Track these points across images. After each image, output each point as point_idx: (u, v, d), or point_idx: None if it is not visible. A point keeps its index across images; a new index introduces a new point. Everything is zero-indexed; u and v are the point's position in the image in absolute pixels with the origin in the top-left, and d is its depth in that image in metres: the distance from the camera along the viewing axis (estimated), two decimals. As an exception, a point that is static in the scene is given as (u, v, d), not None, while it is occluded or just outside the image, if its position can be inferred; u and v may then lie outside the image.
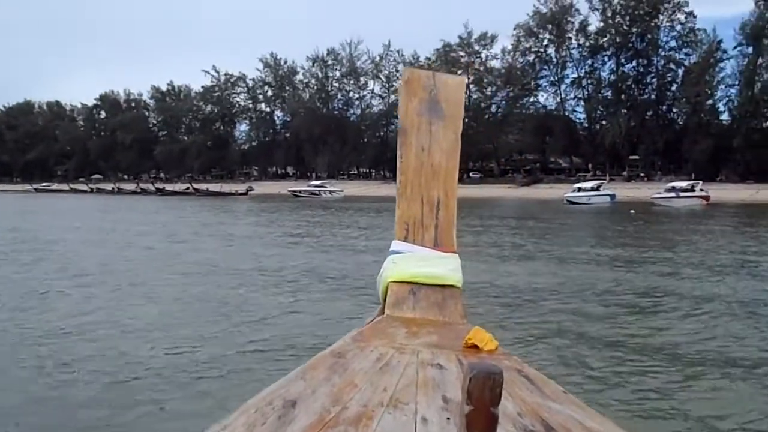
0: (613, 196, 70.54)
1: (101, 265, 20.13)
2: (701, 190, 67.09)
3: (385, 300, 3.33)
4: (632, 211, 51.87)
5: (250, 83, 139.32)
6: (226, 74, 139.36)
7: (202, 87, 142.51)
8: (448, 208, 3.71)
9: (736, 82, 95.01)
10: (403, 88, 4.06)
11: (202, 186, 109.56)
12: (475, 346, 2.55)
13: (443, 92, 3.99)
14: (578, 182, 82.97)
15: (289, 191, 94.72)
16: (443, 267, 3.43)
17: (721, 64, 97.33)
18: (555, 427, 1.78)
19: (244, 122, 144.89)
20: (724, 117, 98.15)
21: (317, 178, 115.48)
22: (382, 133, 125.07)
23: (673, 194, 65.15)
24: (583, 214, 53.00)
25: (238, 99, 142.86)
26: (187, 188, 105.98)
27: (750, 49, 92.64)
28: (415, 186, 3.73)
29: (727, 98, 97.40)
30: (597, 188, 72.63)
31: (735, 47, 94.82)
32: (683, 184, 68.86)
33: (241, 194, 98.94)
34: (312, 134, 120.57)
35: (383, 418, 1.77)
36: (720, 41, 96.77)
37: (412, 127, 3.86)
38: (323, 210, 56.28)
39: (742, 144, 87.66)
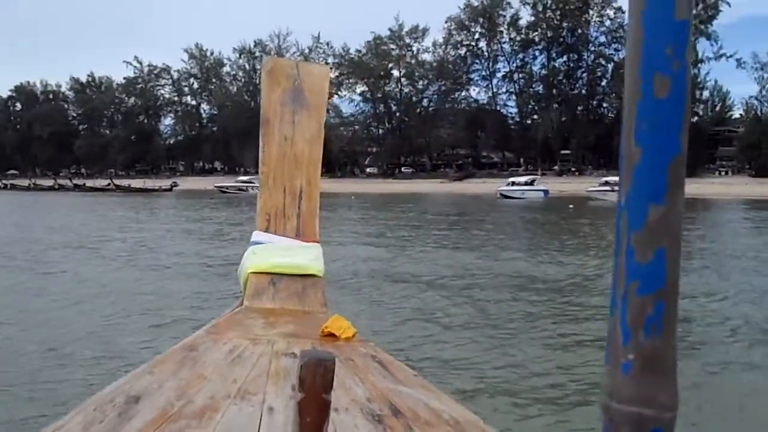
0: (546, 192, 69.92)
1: None
2: (634, 185, 66.76)
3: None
4: (571, 207, 50.91)
5: (175, 75, 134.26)
6: (149, 65, 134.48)
7: (125, 79, 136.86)
8: (311, 197, 3.68)
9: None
10: (265, 77, 3.93)
11: (125, 182, 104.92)
12: (333, 335, 2.55)
13: (307, 82, 3.89)
14: (511, 177, 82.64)
15: (216, 187, 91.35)
16: (304, 256, 3.40)
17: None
18: (402, 409, 1.84)
19: (169, 116, 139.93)
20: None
21: (246, 173, 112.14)
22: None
23: (608, 188, 64.69)
24: (518, 209, 51.68)
25: (162, 91, 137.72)
26: (108, 184, 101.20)
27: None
28: (277, 176, 3.67)
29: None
30: (531, 183, 71.99)
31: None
32: (617, 179, 68.30)
33: (165, 190, 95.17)
34: (240, 128, 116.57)
35: (228, 410, 1.77)
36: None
37: (275, 117, 3.78)
38: (249, 206, 53.34)
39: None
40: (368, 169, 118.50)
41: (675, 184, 0.65)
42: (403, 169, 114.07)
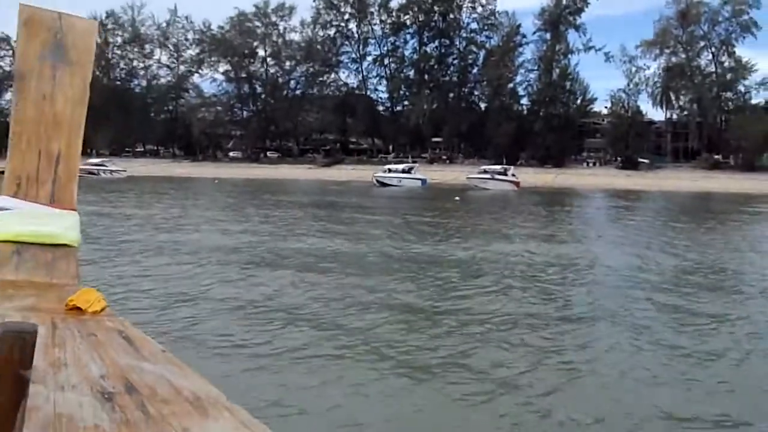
0: (424, 180, 67.33)
1: None
2: (513, 175, 65.37)
3: None
4: (457, 199, 48.11)
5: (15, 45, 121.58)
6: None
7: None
8: (70, 161, 3.23)
9: (536, 68, 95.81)
10: (22, 28, 3.38)
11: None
12: (78, 308, 2.18)
13: (70, 36, 3.39)
14: (381, 164, 79.94)
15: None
16: (56, 225, 2.99)
17: (521, 49, 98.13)
18: (138, 386, 1.60)
19: (9, 91, 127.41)
20: (524, 102, 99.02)
21: (98, 155, 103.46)
22: (171, 107, 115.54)
23: (488, 176, 62.88)
24: (402, 199, 48.32)
25: (1, 63, 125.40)
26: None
27: (548, 35, 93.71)
28: (32, 138, 3.23)
29: (527, 83, 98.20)
30: (408, 171, 69.04)
31: (534, 32, 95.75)
32: (497, 167, 66.92)
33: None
34: (91, 106, 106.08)
35: None
36: (519, 25, 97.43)
37: (31, 73, 3.27)
38: (95, 193, 47.16)
39: (543, 128, 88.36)
40: (231, 153, 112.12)
41: None
42: (268, 153, 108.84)
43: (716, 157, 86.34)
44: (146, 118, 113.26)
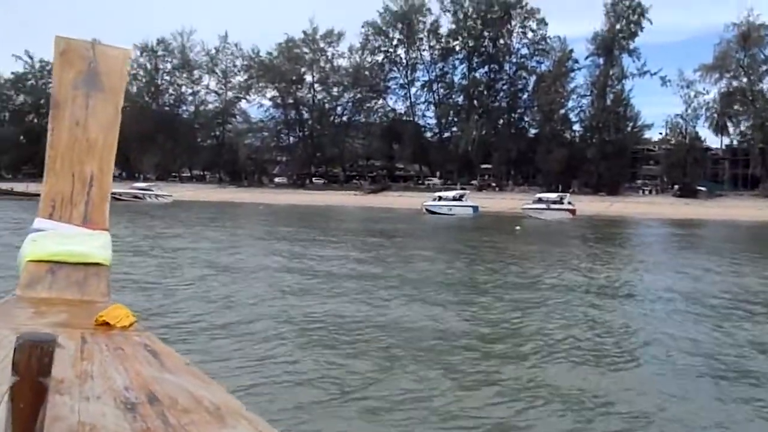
0: (476, 208, 65.07)
1: None
2: (569, 202, 63.08)
3: None
4: (518, 228, 46.08)
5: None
6: (41, 61, 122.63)
7: (13, 74, 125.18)
8: (102, 184, 3.62)
9: (588, 93, 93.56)
10: (57, 59, 3.76)
11: (9, 185, 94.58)
12: (107, 323, 2.53)
13: (103, 64, 3.80)
14: (429, 191, 78.64)
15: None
16: (89, 244, 3.31)
17: (573, 74, 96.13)
18: (160, 397, 1.83)
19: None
20: (576, 128, 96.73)
21: (145, 180, 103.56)
22: (218, 133, 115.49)
23: (543, 206, 60.63)
24: (455, 229, 46.36)
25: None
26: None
27: (601, 60, 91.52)
28: (66, 162, 3.59)
29: (579, 108, 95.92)
30: (459, 198, 66.95)
31: (587, 57, 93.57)
32: (552, 195, 64.62)
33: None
34: (139, 131, 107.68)
35: None
36: (571, 50, 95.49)
37: (66, 101, 3.69)
38: (141, 217, 46.09)
39: (596, 155, 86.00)
40: (276, 179, 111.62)
41: None
42: (314, 179, 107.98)
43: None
44: (193, 143, 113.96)
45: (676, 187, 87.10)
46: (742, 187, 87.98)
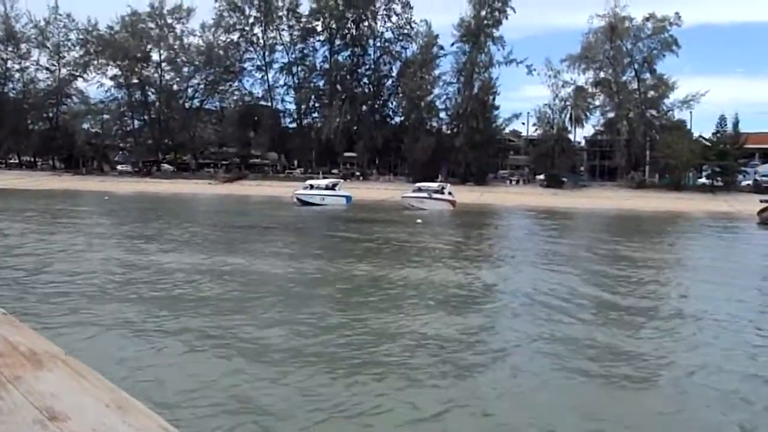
0: (349, 198, 59.65)
1: None
2: (449, 193, 58.90)
3: None
4: (419, 221, 41.40)
5: None
6: None
7: None
8: None
9: (455, 80, 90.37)
10: None
11: None
12: None
13: None
14: (289, 180, 77.01)
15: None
16: None
17: (439, 61, 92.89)
18: None
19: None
20: (443, 116, 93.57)
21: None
22: (51, 115, 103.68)
23: (424, 195, 56.01)
24: (340, 221, 41.18)
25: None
26: None
27: (467, 47, 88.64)
28: None
29: (445, 96, 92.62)
30: (332, 187, 61.10)
31: (453, 44, 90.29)
32: (433, 185, 60.02)
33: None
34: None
35: None
36: (437, 36, 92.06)
37: None
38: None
39: (464, 144, 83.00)
40: (120, 167, 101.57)
41: None
42: (162, 167, 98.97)
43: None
44: (22, 125, 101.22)
45: (541, 177, 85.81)
46: (599, 177, 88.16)
